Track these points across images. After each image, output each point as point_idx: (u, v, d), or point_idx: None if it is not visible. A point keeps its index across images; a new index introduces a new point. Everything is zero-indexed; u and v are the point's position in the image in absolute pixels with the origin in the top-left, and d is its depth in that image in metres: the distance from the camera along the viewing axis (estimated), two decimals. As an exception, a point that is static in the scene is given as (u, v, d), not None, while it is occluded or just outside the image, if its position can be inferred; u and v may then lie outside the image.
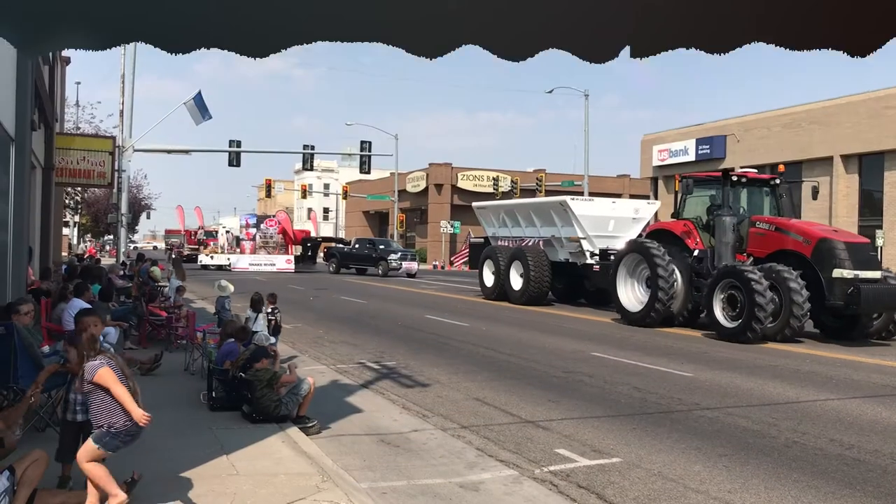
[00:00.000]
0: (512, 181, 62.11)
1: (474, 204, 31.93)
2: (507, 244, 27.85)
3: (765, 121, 41.15)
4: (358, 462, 7.33)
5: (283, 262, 48.67)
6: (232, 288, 15.22)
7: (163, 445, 7.33)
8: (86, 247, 73.86)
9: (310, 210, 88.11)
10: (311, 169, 50.20)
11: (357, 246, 48.26)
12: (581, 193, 43.57)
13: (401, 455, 7.65)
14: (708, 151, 43.72)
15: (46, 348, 8.95)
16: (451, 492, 6.59)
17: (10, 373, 7.41)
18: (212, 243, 76.40)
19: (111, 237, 66.04)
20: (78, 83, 69.37)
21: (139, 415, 5.41)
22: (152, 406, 9.28)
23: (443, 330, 18.09)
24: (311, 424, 8.41)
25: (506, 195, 63.71)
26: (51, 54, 20.39)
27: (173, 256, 25.71)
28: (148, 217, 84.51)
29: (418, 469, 7.18)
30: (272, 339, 11.18)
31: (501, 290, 26.54)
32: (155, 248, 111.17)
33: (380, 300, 26.77)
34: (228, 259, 49.19)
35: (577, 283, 26.11)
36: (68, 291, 11.86)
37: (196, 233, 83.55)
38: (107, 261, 43.09)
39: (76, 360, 5.95)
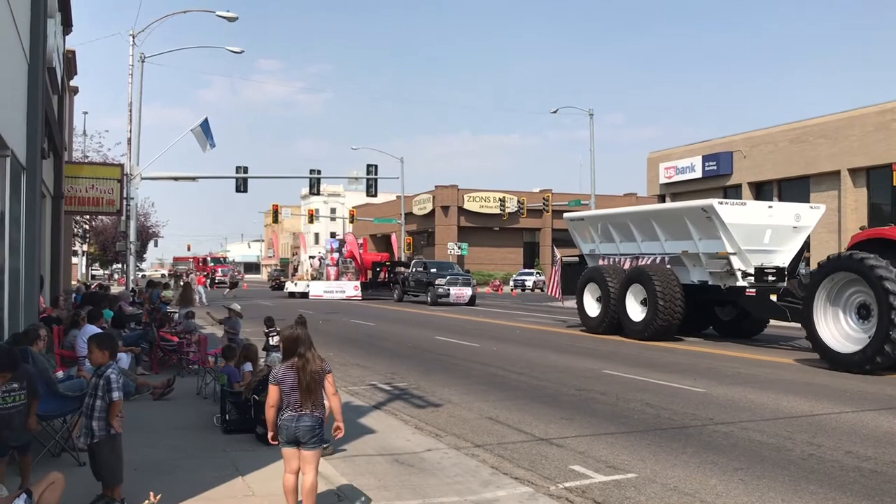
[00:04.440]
0: (518, 201, 62.31)
1: (566, 215, 26.17)
2: (614, 263, 22.96)
3: (771, 136, 41.13)
4: (373, 482, 7.31)
5: (352, 290, 46.48)
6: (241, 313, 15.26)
7: (178, 468, 7.35)
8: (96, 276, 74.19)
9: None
10: (318, 193, 50.18)
11: (413, 270, 44.17)
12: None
13: (415, 474, 7.63)
14: (715, 168, 43.74)
15: (60, 374, 9.01)
16: (467, 510, 6.57)
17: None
18: (220, 270, 76.66)
19: (119, 266, 66.31)
20: (85, 113, 70.53)
21: None
22: (166, 430, 9.28)
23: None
24: (325, 446, 8.39)
25: (513, 216, 63.92)
26: (59, 83, 20.61)
27: (182, 282, 25.84)
28: (156, 245, 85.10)
29: (433, 488, 7.15)
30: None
31: (613, 322, 21.61)
32: (163, 275, 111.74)
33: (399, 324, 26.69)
34: (308, 286, 47.93)
35: (704, 310, 21.45)
36: (80, 318, 11.94)
37: (205, 259, 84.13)
38: (116, 289, 43.25)
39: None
